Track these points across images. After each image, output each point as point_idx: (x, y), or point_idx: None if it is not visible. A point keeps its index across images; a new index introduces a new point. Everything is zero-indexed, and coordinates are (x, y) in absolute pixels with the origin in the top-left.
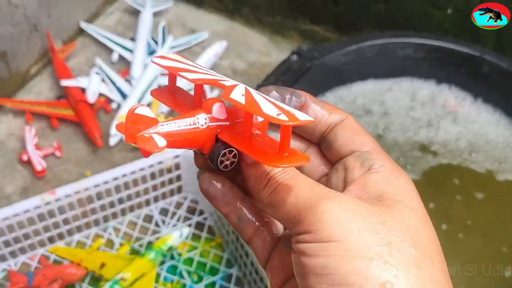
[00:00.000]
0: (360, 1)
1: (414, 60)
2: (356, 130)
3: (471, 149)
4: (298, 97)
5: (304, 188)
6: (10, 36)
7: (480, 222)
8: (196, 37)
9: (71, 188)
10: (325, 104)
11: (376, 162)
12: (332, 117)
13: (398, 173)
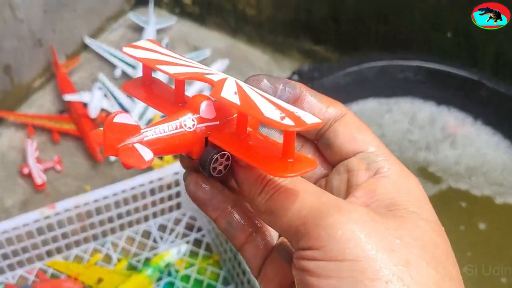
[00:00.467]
0: (361, 22)
1: (413, 82)
2: (358, 128)
3: (470, 173)
4: (292, 88)
5: (308, 195)
6: (14, 50)
7: (480, 249)
8: (198, 55)
9: (71, 203)
10: (322, 96)
11: (383, 165)
12: (330, 112)
13: (407, 176)
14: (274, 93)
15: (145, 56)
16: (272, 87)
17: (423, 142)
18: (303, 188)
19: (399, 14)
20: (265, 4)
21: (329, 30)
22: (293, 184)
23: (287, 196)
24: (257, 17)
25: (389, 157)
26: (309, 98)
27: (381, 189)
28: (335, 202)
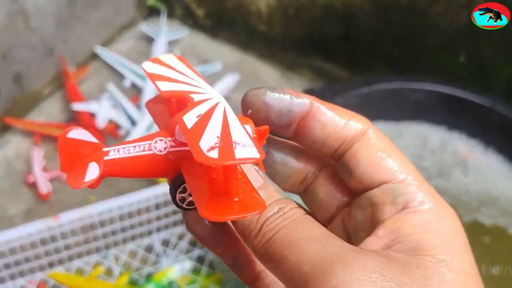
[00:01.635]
0: (373, 42)
1: (425, 105)
2: (383, 149)
3: (481, 202)
4: (300, 102)
5: (310, 243)
6: (26, 59)
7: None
8: (209, 68)
9: (75, 215)
10: (338, 109)
11: (413, 198)
12: (347, 129)
13: (443, 213)
14: (280, 110)
15: (156, 72)
16: (277, 102)
17: (435, 169)
18: (306, 232)
19: (412, 36)
20: (277, 20)
21: (341, 49)
22: (295, 227)
23: (288, 242)
24: (268, 33)
25: (421, 187)
26: (322, 111)
27: (407, 228)
28: (341, 253)
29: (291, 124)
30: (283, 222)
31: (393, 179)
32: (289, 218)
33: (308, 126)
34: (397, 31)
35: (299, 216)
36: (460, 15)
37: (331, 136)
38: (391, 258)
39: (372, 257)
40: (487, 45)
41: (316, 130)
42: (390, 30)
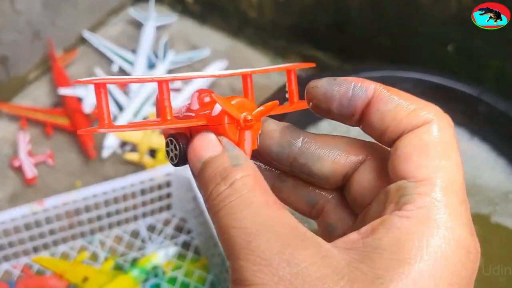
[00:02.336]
0: (365, 32)
1: (412, 94)
2: (427, 144)
3: (467, 192)
4: (360, 93)
5: (247, 213)
6: (12, 42)
7: None
8: (198, 54)
9: (60, 200)
10: (405, 97)
11: (414, 200)
12: (409, 120)
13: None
14: (340, 98)
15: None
16: (336, 92)
17: None
18: (247, 205)
19: (403, 26)
20: (268, 7)
21: (332, 38)
22: (237, 209)
23: (229, 214)
24: (259, 20)
25: (437, 194)
26: (383, 99)
27: (381, 233)
28: (264, 227)
29: (354, 114)
30: (227, 199)
31: (413, 177)
32: (234, 194)
33: (368, 115)
34: (388, 21)
35: (245, 193)
36: (450, 5)
37: (390, 126)
38: (332, 256)
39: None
40: (476, 35)
41: (374, 120)
42: (381, 19)
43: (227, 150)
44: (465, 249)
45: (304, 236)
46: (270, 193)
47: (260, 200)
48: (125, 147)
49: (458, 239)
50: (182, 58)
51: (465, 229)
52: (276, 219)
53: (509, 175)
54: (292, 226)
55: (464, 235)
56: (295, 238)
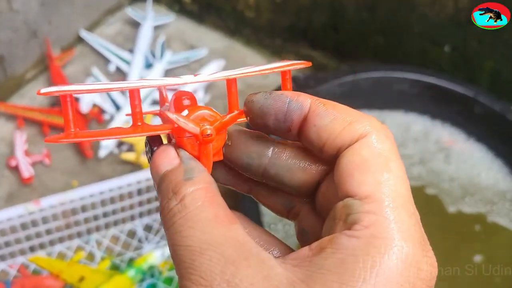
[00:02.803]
0: (360, 32)
1: (408, 95)
2: (367, 160)
3: (464, 192)
4: (296, 108)
5: (193, 231)
6: (9, 41)
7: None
8: (195, 54)
9: (56, 199)
10: (341, 111)
11: (360, 219)
12: (346, 134)
13: (386, 247)
14: (275, 113)
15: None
16: (271, 107)
17: (418, 157)
18: (193, 223)
19: (399, 26)
20: (265, 7)
21: (327, 38)
22: (188, 216)
23: (176, 230)
24: (256, 20)
25: (383, 211)
26: (319, 114)
27: (327, 252)
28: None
29: (291, 129)
30: (176, 216)
31: (357, 194)
32: (183, 210)
33: (305, 130)
34: (384, 21)
35: (193, 210)
36: (447, 6)
37: (327, 142)
38: (274, 276)
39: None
40: (472, 37)
41: (312, 136)
42: (377, 20)
43: (183, 163)
44: (414, 268)
45: (249, 254)
46: (221, 207)
47: (208, 216)
48: (122, 147)
49: (406, 258)
50: (179, 58)
51: (414, 245)
52: (222, 236)
53: (506, 175)
54: (238, 243)
55: (414, 252)
56: (239, 257)
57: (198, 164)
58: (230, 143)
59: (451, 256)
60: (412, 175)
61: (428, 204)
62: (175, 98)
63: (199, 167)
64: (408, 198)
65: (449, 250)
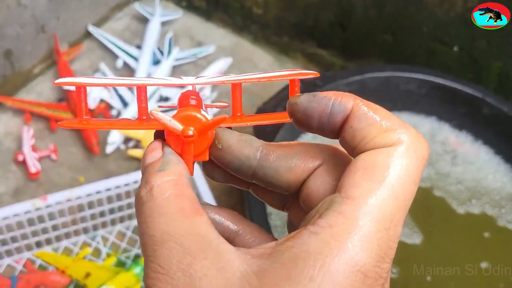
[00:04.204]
0: (368, 30)
1: (416, 95)
2: (376, 165)
3: (471, 194)
4: (339, 110)
5: (158, 221)
6: (16, 36)
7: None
8: (202, 50)
9: (63, 196)
10: (380, 115)
11: (329, 217)
12: (378, 141)
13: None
14: (319, 115)
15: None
16: (315, 110)
17: None
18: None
19: (407, 25)
20: (272, 4)
21: (335, 36)
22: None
23: (145, 217)
24: (263, 17)
25: (355, 216)
26: (357, 117)
27: (286, 248)
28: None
29: (334, 131)
30: (145, 205)
31: (345, 193)
32: (151, 200)
33: (343, 131)
34: (391, 20)
35: (159, 200)
36: (456, 5)
37: (359, 145)
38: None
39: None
40: (480, 37)
41: (347, 137)
42: (385, 18)
43: (163, 156)
44: (362, 274)
45: (208, 246)
46: (188, 200)
47: (174, 208)
48: (129, 143)
49: (356, 264)
50: (187, 55)
51: (369, 256)
52: (184, 228)
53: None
54: (199, 235)
55: (366, 261)
56: (197, 248)
57: (176, 158)
58: (220, 146)
59: (457, 257)
60: (421, 176)
61: (436, 206)
62: (182, 97)
63: (175, 160)
64: (389, 216)
65: (456, 252)
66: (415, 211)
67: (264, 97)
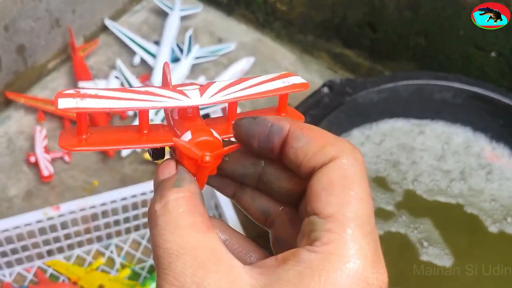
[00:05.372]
0: (400, 31)
1: (450, 104)
2: (333, 182)
3: (507, 212)
4: (276, 130)
5: (173, 235)
6: (30, 30)
7: None
8: (223, 48)
9: (76, 205)
10: (317, 134)
11: (320, 237)
12: (319, 157)
13: (339, 263)
14: (259, 136)
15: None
16: (256, 130)
17: (457, 172)
18: (171, 225)
19: (443, 28)
20: (298, 1)
21: (363, 36)
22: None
23: (157, 231)
24: (288, 14)
25: (341, 230)
26: (296, 137)
27: (289, 266)
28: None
29: (273, 150)
30: (159, 218)
31: (321, 213)
32: (165, 214)
33: (285, 151)
34: (426, 21)
35: (174, 215)
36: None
37: (303, 162)
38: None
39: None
40: None
41: (290, 156)
42: (419, 19)
43: (177, 173)
44: (364, 282)
45: (219, 259)
46: (201, 215)
47: (187, 223)
48: None
49: (356, 273)
50: (207, 53)
51: (365, 262)
52: (197, 242)
53: None
54: (211, 249)
55: (364, 268)
56: (209, 261)
57: (189, 176)
58: (227, 159)
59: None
60: (453, 193)
61: (468, 223)
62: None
63: (189, 179)
64: (366, 219)
65: (489, 275)
66: (445, 229)
67: (292, 97)
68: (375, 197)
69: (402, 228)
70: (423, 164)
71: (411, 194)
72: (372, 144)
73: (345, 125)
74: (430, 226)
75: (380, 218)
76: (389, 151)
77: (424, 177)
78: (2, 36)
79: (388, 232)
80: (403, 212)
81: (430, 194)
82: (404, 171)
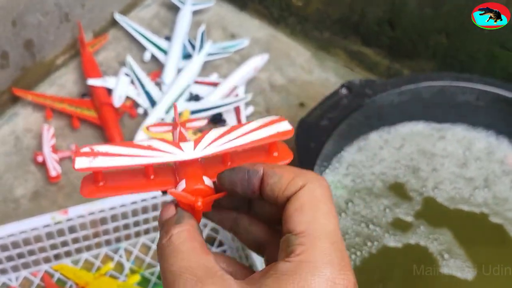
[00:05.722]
0: (420, 29)
1: (473, 107)
2: (303, 205)
3: None
4: (253, 174)
5: (176, 258)
6: (38, 25)
7: None
8: (236, 44)
9: (85, 209)
10: (287, 170)
11: (295, 250)
12: (290, 187)
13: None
14: (241, 182)
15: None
16: (237, 178)
17: (480, 179)
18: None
19: (466, 26)
20: None
21: (382, 34)
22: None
23: (164, 259)
24: (303, 9)
25: (310, 241)
26: (269, 175)
27: (269, 275)
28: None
29: (254, 191)
30: (166, 248)
31: (294, 231)
32: (170, 245)
33: (263, 189)
34: (449, 19)
35: (177, 244)
36: None
37: (279, 195)
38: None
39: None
40: None
41: (268, 192)
42: (441, 17)
43: (177, 214)
44: (331, 282)
45: (215, 275)
46: (199, 242)
47: (188, 248)
48: None
49: (325, 275)
50: (219, 49)
51: (332, 266)
52: (196, 262)
53: None
54: (208, 268)
55: (331, 271)
56: (207, 277)
57: (187, 214)
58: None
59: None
60: (476, 202)
61: (491, 234)
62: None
63: (187, 215)
64: (332, 231)
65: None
66: (467, 240)
67: (300, 96)
68: (392, 207)
69: (422, 240)
70: (444, 171)
71: (431, 202)
72: (391, 148)
73: (363, 129)
74: (450, 238)
75: (398, 230)
76: (409, 156)
77: (446, 184)
78: (10, 31)
79: (407, 245)
80: (421, 221)
81: (452, 203)
82: (424, 178)
